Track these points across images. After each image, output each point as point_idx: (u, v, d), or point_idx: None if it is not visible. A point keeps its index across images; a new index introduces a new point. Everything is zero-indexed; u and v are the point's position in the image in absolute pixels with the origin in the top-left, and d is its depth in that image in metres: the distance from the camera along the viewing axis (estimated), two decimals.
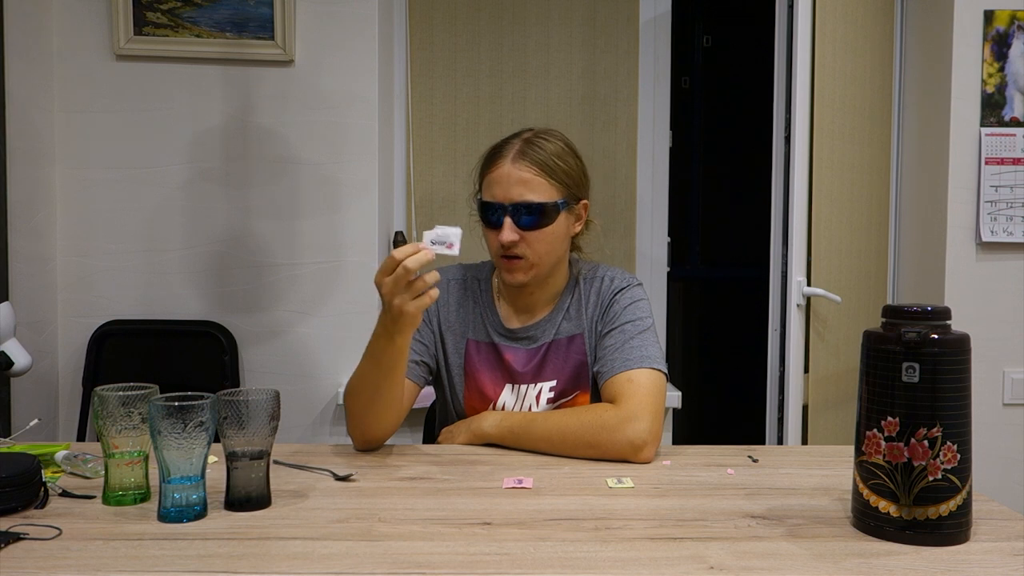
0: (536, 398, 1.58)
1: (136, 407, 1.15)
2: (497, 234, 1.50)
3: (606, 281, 1.61)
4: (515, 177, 1.49)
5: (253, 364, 2.43)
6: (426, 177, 2.70)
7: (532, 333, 1.60)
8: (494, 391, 1.59)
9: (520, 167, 1.50)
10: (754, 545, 1.03)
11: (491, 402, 1.59)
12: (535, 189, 1.50)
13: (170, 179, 2.40)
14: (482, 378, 1.59)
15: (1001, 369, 2.40)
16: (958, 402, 1.03)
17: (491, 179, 1.53)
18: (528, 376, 1.59)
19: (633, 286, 1.61)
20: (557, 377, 1.58)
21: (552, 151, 1.52)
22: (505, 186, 1.50)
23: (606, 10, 2.70)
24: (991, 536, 1.07)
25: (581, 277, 1.63)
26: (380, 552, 0.99)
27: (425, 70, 2.69)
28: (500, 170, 1.51)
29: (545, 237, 1.51)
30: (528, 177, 1.49)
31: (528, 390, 1.58)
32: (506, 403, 1.58)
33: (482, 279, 1.66)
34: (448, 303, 1.62)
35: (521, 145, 1.52)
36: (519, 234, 1.50)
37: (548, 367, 1.59)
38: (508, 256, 1.52)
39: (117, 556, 0.98)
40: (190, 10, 2.34)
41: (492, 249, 1.56)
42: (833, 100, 2.31)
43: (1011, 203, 2.37)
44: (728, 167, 3.94)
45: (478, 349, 1.60)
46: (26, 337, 2.09)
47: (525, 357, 1.59)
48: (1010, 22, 2.36)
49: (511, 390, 1.59)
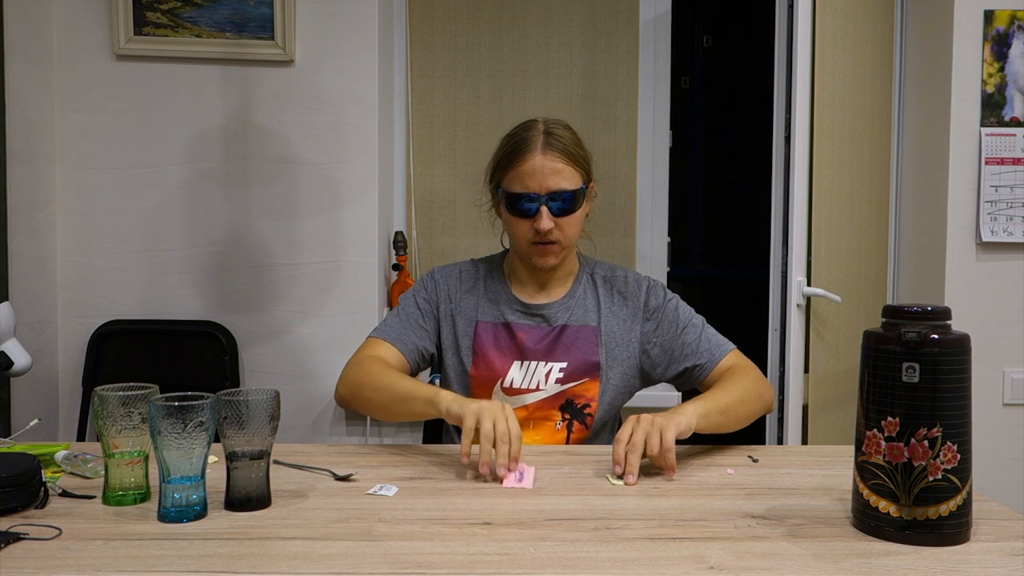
0: (545, 376, 1.63)
1: (136, 407, 1.15)
2: (531, 222, 1.59)
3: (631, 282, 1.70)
4: (548, 168, 1.57)
5: (253, 364, 2.43)
6: (426, 177, 2.70)
7: (546, 312, 1.67)
8: (502, 367, 1.64)
9: (551, 158, 1.58)
10: (754, 545, 1.03)
11: (499, 377, 1.64)
12: (567, 177, 1.59)
13: (170, 179, 2.40)
14: (491, 355, 1.65)
15: (1001, 369, 2.40)
16: (958, 402, 1.03)
17: (521, 171, 1.59)
18: (539, 354, 1.64)
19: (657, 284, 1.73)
20: (568, 360, 1.64)
21: (570, 139, 1.62)
22: (540, 177, 1.57)
23: (606, 10, 2.70)
24: (991, 536, 1.07)
25: (597, 275, 1.72)
26: (380, 552, 0.99)
27: (425, 70, 2.69)
28: (531, 162, 1.58)
29: (575, 221, 1.62)
30: (560, 167, 1.58)
31: (538, 367, 1.64)
32: (514, 379, 1.63)
33: (493, 267, 1.74)
34: (458, 290, 1.70)
35: (545, 136, 1.60)
36: (554, 221, 1.58)
37: (559, 348, 1.65)
38: (542, 242, 1.60)
39: (117, 556, 0.98)
40: (190, 10, 2.34)
41: (521, 237, 1.63)
42: (833, 100, 2.31)
43: (1011, 203, 2.37)
44: (728, 167, 3.94)
45: (486, 329, 1.66)
46: (26, 337, 2.09)
47: (538, 335, 1.65)
48: (1010, 22, 2.36)
49: (520, 366, 1.64)
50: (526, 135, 1.61)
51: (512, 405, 1.61)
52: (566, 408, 1.63)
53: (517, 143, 1.61)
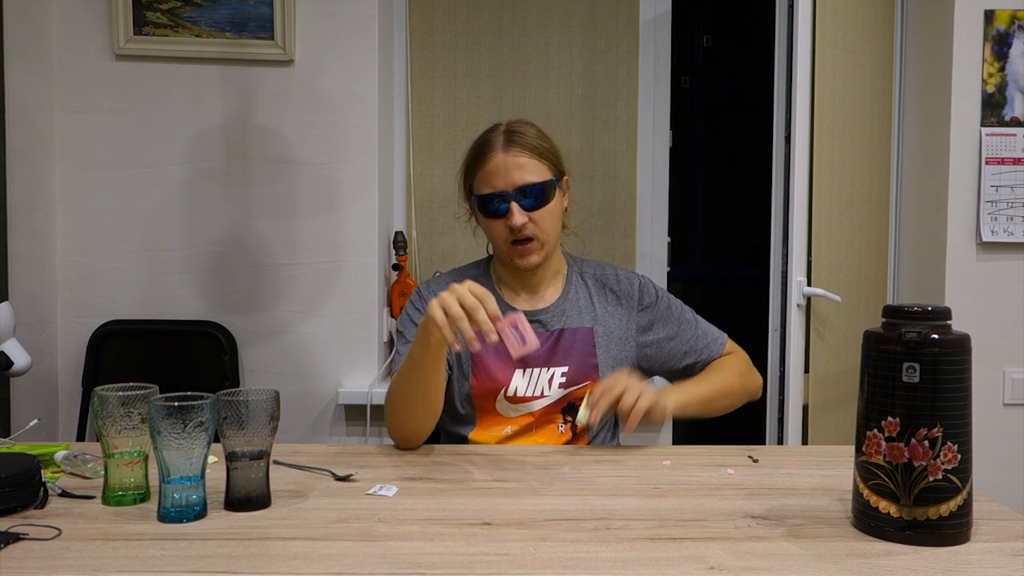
0: (549, 381, 1.62)
1: (136, 407, 1.15)
2: (504, 222, 1.57)
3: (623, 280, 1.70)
4: (512, 163, 1.56)
5: (253, 364, 2.43)
6: (426, 177, 2.70)
7: (543, 318, 1.65)
8: (504, 376, 1.62)
9: (513, 153, 1.57)
10: (754, 545, 1.03)
11: (502, 387, 1.61)
12: (532, 171, 1.58)
13: (170, 179, 2.40)
14: (491, 365, 1.62)
15: (1001, 369, 2.40)
16: (958, 402, 1.03)
17: (486, 172, 1.59)
18: (540, 360, 1.63)
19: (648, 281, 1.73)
20: (568, 364, 1.63)
21: (533, 134, 1.62)
22: (505, 174, 1.56)
23: (606, 10, 2.70)
24: (991, 536, 1.07)
25: (587, 274, 1.71)
26: (380, 552, 0.99)
27: (425, 70, 2.69)
28: (494, 161, 1.58)
29: (549, 214, 1.60)
30: (524, 161, 1.57)
31: (541, 374, 1.62)
32: (517, 387, 1.61)
33: (480, 273, 1.72)
34: None
35: (505, 135, 1.60)
36: (527, 216, 1.57)
37: (560, 353, 1.63)
38: (519, 240, 1.58)
39: (117, 556, 0.97)
40: (190, 10, 2.34)
41: (499, 239, 1.61)
42: (833, 100, 2.31)
43: (1011, 203, 2.37)
44: (728, 167, 3.94)
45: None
46: (26, 337, 2.09)
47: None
48: (1010, 22, 2.35)
49: (522, 374, 1.62)
50: (488, 137, 1.62)
51: (518, 413, 1.61)
52: (568, 410, 1.63)
53: (480, 146, 1.62)
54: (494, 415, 1.63)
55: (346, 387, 2.41)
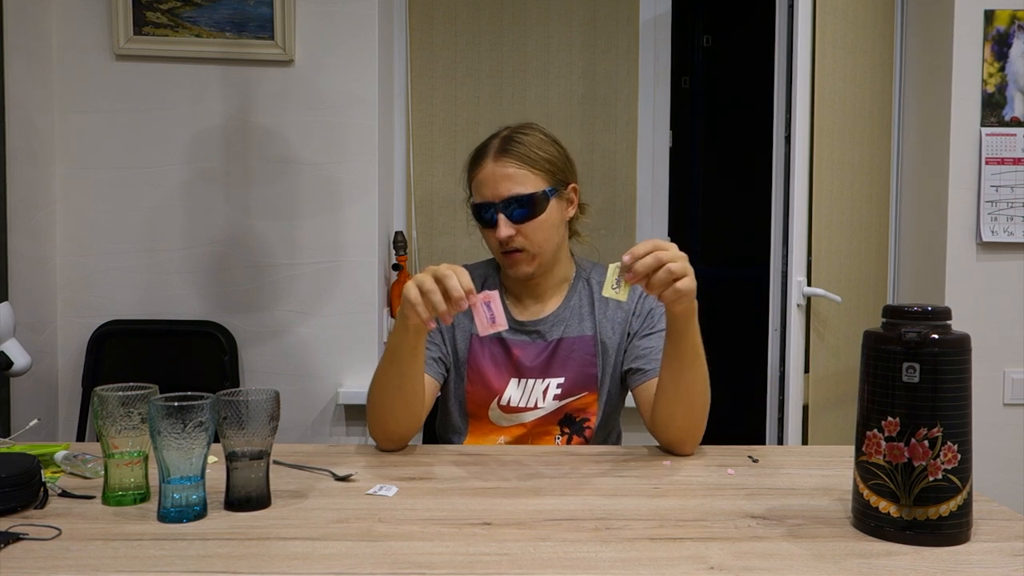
0: (543, 393, 1.59)
1: (136, 407, 1.15)
2: (494, 232, 1.54)
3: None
4: (500, 174, 1.54)
5: (253, 364, 2.43)
6: (426, 177, 2.70)
7: (541, 328, 1.62)
8: (499, 384, 1.60)
9: (502, 163, 1.54)
10: (754, 545, 1.03)
11: (496, 395, 1.60)
12: (521, 182, 1.53)
13: (170, 179, 2.40)
14: (487, 372, 1.60)
15: (1001, 369, 2.40)
16: (958, 402, 1.03)
17: (478, 181, 1.57)
18: (536, 371, 1.60)
19: None
20: (565, 375, 1.60)
21: (531, 142, 1.56)
22: (492, 184, 1.54)
23: (606, 10, 2.70)
24: (991, 536, 1.07)
25: (593, 279, 1.66)
26: (380, 552, 0.99)
27: (425, 70, 2.69)
28: (484, 170, 1.56)
29: (540, 226, 1.55)
30: (512, 172, 1.53)
31: (535, 384, 1.60)
32: (511, 397, 1.59)
33: (489, 276, 1.70)
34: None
35: (500, 143, 1.57)
36: (514, 228, 1.53)
37: (556, 364, 1.61)
38: (508, 251, 1.56)
39: (117, 556, 0.97)
40: (190, 10, 2.34)
41: (493, 248, 1.60)
42: (833, 100, 2.31)
43: (1011, 203, 2.37)
44: (728, 167, 3.94)
45: (482, 343, 1.61)
46: (26, 337, 2.09)
47: (534, 352, 1.61)
48: (1010, 22, 2.35)
49: (517, 384, 1.60)
50: (485, 144, 1.59)
51: (510, 423, 1.60)
52: (565, 423, 1.61)
53: (476, 153, 1.60)
54: (487, 424, 1.61)
55: (346, 387, 2.41)
